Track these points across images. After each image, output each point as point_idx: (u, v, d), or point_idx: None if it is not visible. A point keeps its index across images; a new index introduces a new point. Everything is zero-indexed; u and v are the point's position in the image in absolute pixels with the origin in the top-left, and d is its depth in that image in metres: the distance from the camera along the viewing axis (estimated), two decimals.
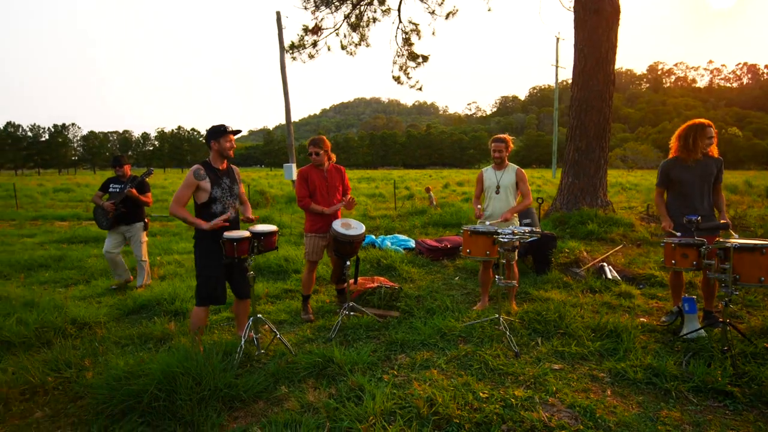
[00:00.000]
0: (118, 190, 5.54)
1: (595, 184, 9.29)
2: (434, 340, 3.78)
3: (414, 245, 7.31)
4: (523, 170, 4.59)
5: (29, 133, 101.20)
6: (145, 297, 4.89)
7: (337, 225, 4.09)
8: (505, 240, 3.72)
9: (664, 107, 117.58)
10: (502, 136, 4.56)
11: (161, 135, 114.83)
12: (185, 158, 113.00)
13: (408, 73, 13.96)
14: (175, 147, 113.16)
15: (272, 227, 3.56)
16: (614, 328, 3.83)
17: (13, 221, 12.67)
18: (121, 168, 5.61)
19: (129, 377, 2.88)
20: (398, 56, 14.28)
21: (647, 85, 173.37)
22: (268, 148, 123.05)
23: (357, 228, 4.15)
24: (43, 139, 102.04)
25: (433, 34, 13.09)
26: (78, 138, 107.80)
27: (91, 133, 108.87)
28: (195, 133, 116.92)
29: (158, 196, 21.70)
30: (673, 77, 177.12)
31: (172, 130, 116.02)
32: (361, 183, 29.46)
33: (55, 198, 21.36)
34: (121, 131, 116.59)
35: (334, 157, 4.47)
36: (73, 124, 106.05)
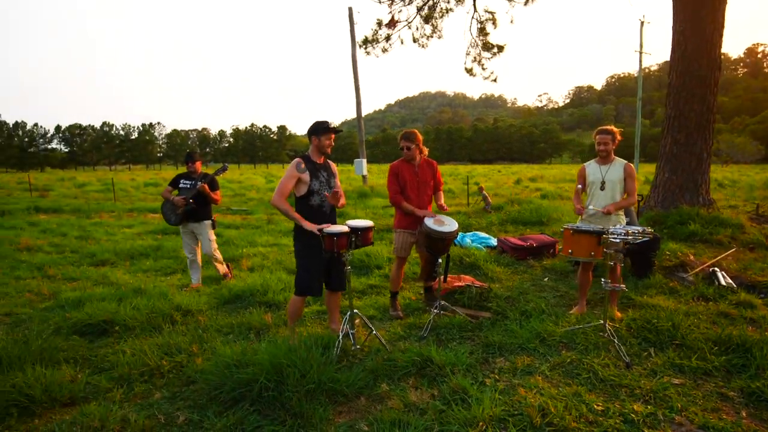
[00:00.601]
0: (188, 186, 5.39)
1: (696, 180, 8.43)
2: (533, 345, 3.58)
3: (496, 243, 7.06)
4: (632, 165, 4.21)
5: (121, 132, 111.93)
6: (239, 288, 5.11)
7: (430, 221, 3.99)
8: (617, 240, 3.43)
9: (764, 95, 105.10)
10: (607, 127, 4.23)
11: (236, 132, 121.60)
12: (257, 154, 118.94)
13: (482, 65, 13.54)
14: (249, 144, 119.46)
15: (368, 222, 3.54)
16: (742, 342, 3.41)
17: (113, 213, 13.93)
18: (193, 164, 5.50)
19: (238, 366, 2.98)
20: (472, 47, 13.88)
21: (745, 70, 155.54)
22: (335, 143, 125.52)
23: (450, 225, 4.03)
24: (133, 137, 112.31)
25: (512, 22, 12.52)
26: (162, 136, 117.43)
27: (174, 131, 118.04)
28: (267, 130, 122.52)
29: (235, 190, 22.96)
30: None
31: (246, 128, 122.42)
32: None
33: (146, 192, 23.30)
34: (200, 129, 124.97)
35: (426, 150, 4.37)
36: (158, 123, 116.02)
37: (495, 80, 13.97)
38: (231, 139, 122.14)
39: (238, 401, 2.80)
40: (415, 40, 14.29)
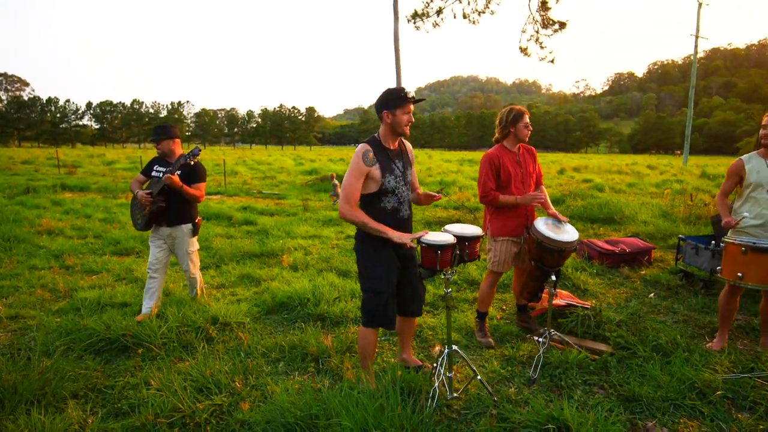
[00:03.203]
0: (161, 175, 3.75)
1: None
2: (690, 401, 2.62)
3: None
4: None
5: (151, 110, 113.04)
6: (283, 293, 4.29)
7: (542, 225, 3.04)
8: None
9: None
10: None
11: (264, 113, 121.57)
12: (285, 135, 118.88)
13: (541, 43, 12.25)
14: (276, 125, 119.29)
15: (475, 229, 2.61)
16: None
17: None
18: (159, 143, 3.77)
19: (300, 422, 2.14)
20: (529, 24, 12.59)
21: None
22: (364, 126, 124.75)
23: (569, 232, 3.07)
24: (162, 115, 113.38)
25: None
26: (191, 114, 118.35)
27: (203, 110, 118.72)
28: (295, 111, 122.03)
29: (265, 172, 22.34)
30: None
31: (275, 108, 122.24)
32: (464, 165, 27.96)
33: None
34: (228, 109, 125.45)
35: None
36: (187, 102, 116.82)
37: (552, 61, 12.67)
38: (259, 120, 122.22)
39: None
40: (465, 16, 13.11)
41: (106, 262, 5.70)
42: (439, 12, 12.24)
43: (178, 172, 3.70)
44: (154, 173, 3.82)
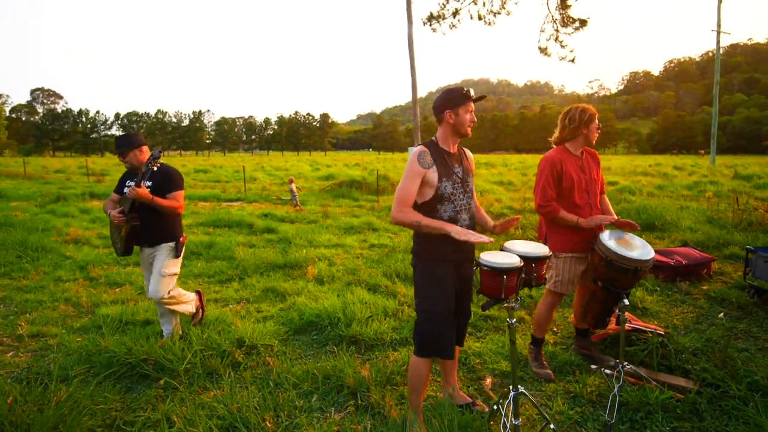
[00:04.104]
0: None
1: None
2: None
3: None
4: None
5: (173, 119, 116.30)
6: (312, 310, 3.96)
7: (610, 240, 2.65)
8: None
9: None
10: None
11: (280, 120, 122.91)
12: (301, 141, 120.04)
13: (561, 42, 11.80)
14: (292, 131, 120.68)
15: (542, 247, 2.24)
16: None
17: None
18: (125, 156, 3.25)
19: None
20: (548, 23, 12.15)
21: None
22: (376, 131, 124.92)
23: (641, 246, 2.67)
24: (185, 123, 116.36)
25: None
26: (211, 123, 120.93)
27: (222, 118, 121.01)
28: (310, 117, 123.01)
29: (282, 178, 22.22)
30: None
31: (290, 115, 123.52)
32: (479, 168, 27.46)
33: (195, 178, 22.95)
34: (246, 117, 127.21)
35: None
36: (208, 110, 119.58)
37: (573, 60, 12.19)
38: (275, 127, 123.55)
39: None
40: (480, 17, 12.73)
41: (129, 274, 5.48)
42: (455, 13, 11.88)
43: (148, 183, 3.21)
44: (126, 188, 3.28)
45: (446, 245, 2.19)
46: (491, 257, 2.05)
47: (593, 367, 3.00)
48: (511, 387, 2.19)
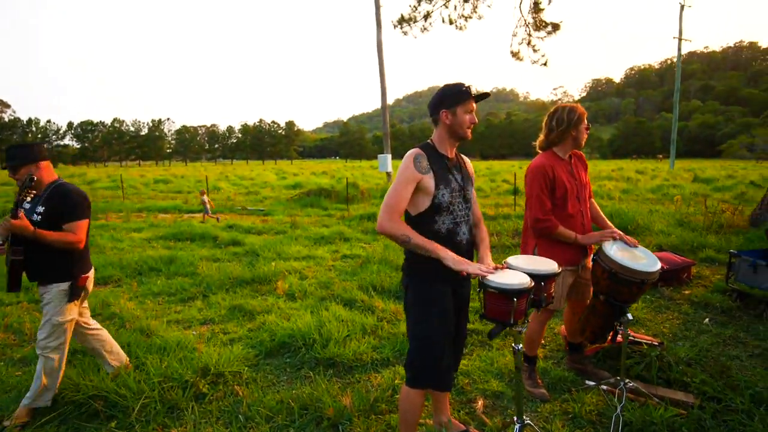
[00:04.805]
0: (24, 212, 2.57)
1: None
2: None
3: None
4: None
5: (131, 128, 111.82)
6: (284, 330, 3.64)
7: (614, 251, 2.48)
8: None
9: None
10: None
11: (245, 128, 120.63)
12: (266, 150, 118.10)
13: (533, 46, 11.92)
14: (257, 139, 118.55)
15: (549, 263, 2.03)
16: None
17: (121, 213, 12.55)
18: (16, 171, 2.60)
19: None
20: (520, 26, 12.27)
21: None
22: (344, 139, 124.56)
23: (645, 256, 2.51)
24: (143, 132, 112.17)
25: None
26: (172, 132, 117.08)
27: (183, 126, 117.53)
28: (275, 125, 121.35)
29: (248, 187, 21.58)
30: None
31: (255, 124, 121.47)
32: None
33: (155, 189, 21.98)
34: (208, 125, 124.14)
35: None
36: (168, 119, 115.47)
37: (545, 64, 12.34)
38: (239, 135, 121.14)
39: None
40: (452, 22, 12.72)
41: None
42: (426, 16, 11.82)
43: (40, 209, 2.56)
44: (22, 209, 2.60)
45: (443, 268, 1.90)
46: (498, 277, 1.80)
47: (591, 383, 2.82)
48: (515, 418, 1.96)
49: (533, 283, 1.80)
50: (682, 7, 28.22)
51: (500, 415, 2.61)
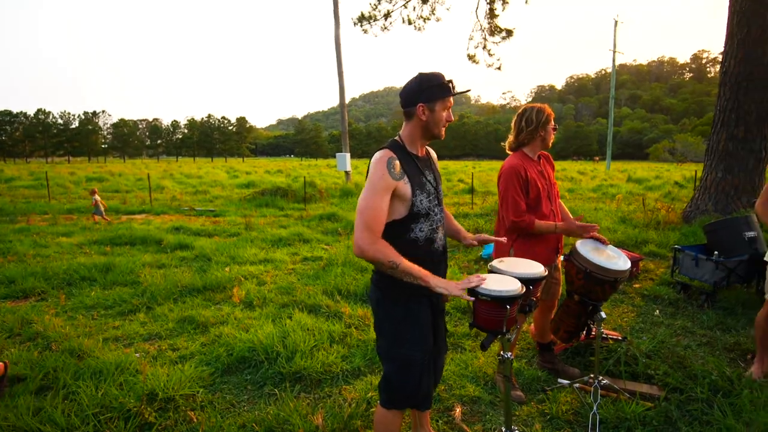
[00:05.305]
0: None
1: (754, 181, 7.49)
2: None
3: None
4: None
5: (59, 120, 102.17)
6: (243, 343, 3.36)
7: (588, 251, 2.46)
8: None
9: (709, 98, 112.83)
10: None
11: (191, 123, 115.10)
12: (215, 147, 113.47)
13: (489, 50, 12.18)
14: (205, 136, 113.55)
15: (536, 265, 1.95)
16: None
17: (46, 215, 11.45)
18: None
19: None
20: (476, 31, 12.50)
21: (690, 74, 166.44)
22: (299, 137, 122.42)
23: (616, 255, 2.52)
24: (73, 126, 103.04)
25: (527, 2, 11.19)
26: (108, 125, 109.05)
27: (121, 120, 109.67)
28: (225, 121, 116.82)
29: (196, 186, 20.54)
30: (718, 66, 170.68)
31: (203, 119, 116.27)
32: None
33: (88, 188, 20.39)
34: (150, 119, 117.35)
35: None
36: (103, 112, 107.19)
37: (499, 68, 12.66)
38: (185, 131, 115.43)
39: None
40: (411, 22, 12.75)
41: None
42: (387, 15, 11.74)
43: None
44: None
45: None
46: (490, 284, 1.68)
47: (565, 382, 2.80)
48: (503, 429, 1.85)
49: (524, 288, 1.70)
50: (617, 22, 30.14)
51: (480, 422, 2.52)
